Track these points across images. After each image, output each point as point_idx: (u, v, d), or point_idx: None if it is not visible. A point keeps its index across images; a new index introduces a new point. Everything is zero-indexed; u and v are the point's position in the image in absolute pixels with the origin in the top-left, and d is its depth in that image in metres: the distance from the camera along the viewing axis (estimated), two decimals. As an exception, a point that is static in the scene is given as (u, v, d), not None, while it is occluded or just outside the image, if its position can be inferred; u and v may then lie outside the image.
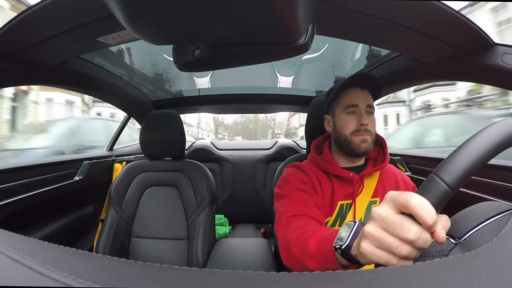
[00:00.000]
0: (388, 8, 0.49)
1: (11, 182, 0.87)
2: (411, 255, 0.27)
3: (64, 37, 0.58)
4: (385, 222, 0.29)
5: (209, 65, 0.66)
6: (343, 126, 0.68)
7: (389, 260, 0.28)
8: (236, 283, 0.18)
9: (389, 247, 0.28)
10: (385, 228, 0.29)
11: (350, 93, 0.68)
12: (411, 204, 0.27)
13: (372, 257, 0.29)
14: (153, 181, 1.02)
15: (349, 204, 0.66)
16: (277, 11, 0.38)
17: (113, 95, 1.14)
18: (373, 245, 0.29)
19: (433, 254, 0.29)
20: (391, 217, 0.28)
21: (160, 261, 0.20)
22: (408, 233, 0.27)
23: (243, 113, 2.21)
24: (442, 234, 0.26)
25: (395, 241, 0.28)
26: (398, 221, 0.28)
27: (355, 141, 0.66)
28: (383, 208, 0.30)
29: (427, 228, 0.26)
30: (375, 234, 0.29)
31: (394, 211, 0.29)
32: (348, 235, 0.36)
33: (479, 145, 0.28)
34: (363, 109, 0.66)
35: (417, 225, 0.27)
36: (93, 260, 0.20)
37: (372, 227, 0.30)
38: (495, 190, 0.76)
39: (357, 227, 0.37)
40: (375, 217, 0.30)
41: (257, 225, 1.77)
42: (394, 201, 0.29)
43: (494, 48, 0.58)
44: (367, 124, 0.65)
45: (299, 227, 0.53)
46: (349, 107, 0.67)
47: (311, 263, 0.45)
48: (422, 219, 0.26)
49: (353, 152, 0.67)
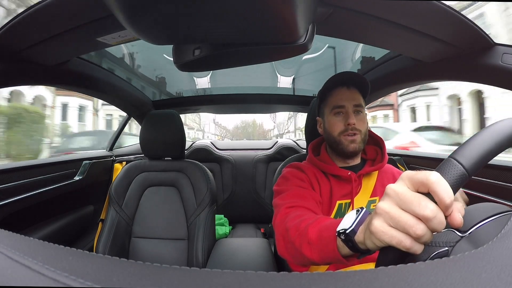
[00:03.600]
0: (388, 8, 0.49)
1: (11, 182, 0.87)
2: (424, 237, 0.26)
3: (64, 37, 0.58)
4: (400, 198, 0.27)
5: (209, 65, 0.66)
6: (331, 127, 0.69)
7: (401, 241, 0.26)
8: (236, 283, 0.18)
9: (404, 225, 0.26)
10: (400, 205, 0.27)
11: (336, 93, 0.69)
12: (430, 180, 0.26)
13: (384, 236, 0.28)
14: (153, 181, 1.02)
15: (348, 203, 0.66)
16: (277, 11, 0.38)
17: (113, 95, 1.14)
18: (386, 223, 0.28)
19: (440, 245, 0.29)
20: (407, 193, 0.27)
21: (160, 261, 0.20)
22: (425, 209, 0.25)
23: (243, 113, 2.20)
24: (459, 217, 0.26)
25: (411, 218, 0.26)
26: (415, 197, 0.26)
27: (343, 142, 0.66)
28: (398, 185, 0.28)
29: (443, 208, 0.26)
30: (389, 211, 0.27)
31: (410, 189, 0.28)
32: (354, 220, 0.35)
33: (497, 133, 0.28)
34: (350, 109, 0.67)
35: (434, 204, 0.26)
36: (93, 260, 0.20)
37: (387, 203, 0.28)
38: (495, 190, 0.76)
39: (363, 214, 0.35)
40: (390, 194, 0.28)
41: (257, 225, 1.77)
42: (411, 179, 0.28)
43: (494, 48, 0.58)
44: (354, 124, 0.65)
45: (298, 216, 0.52)
46: (336, 107, 0.68)
47: (309, 251, 0.44)
48: (440, 196, 0.25)
49: (343, 152, 0.68)
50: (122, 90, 1.14)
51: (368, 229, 0.30)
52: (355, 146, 0.66)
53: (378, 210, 0.29)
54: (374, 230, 0.29)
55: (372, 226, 0.29)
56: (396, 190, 0.28)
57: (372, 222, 0.29)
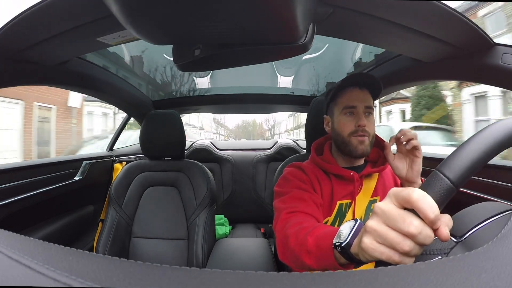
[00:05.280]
0: (388, 8, 0.49)
1: (11, 182, 0.87)
2: (413, 252, 0.27)
3: (64, 37, 0.58)
4: (387, 216, 0.28)
5: (209, 65, 0.66)
6: (341, 127, 0.68)
7: (390, 256, 0.28)
8: (236, 283, 0.18)
9: (391, 242, 0.27)
10: (387, 222, 0.28)
11: (348, 93, 0.68)
12: (413, 198, 0.27)
13: (374, 252, 0.29)
14: (153, 181, 1.02)
15: (349, 203, 0.66)
16: (277, 11, 0.38)
17: (113, 95, 1.14)
18: (375, 240, 0.29)
19: (434, 252, 0.29)
20: (393, 211, 0.28)
21: (160, 261, 0.20)
22: (409, 226, 0.26)
23: (243, 113, 2.20)
24: (445, 231, 0.26)
25: (397, 236, 0.27)
26: (399, 215, 0.27)
27: (353, 143, 0.66)
28: (385, 203, 0.29)
29: (429, 223, 0.26)
30: (377, 229, 0.29)
31: (396, 206, 0.29)
32: (349, 233, 0.36)
33: (483, 142, 0.28)
34: (361, 110, 0.66)
35: (419, 220, 0.27)
36: (93, 260, 0.20)
37: (375, 222, 0.29)
38: (495, 190, 0.76)
39: (358, 226, 0.36)
40: (377, 212, 0.30)
41: (257, 225, 1.77)
42: (396, 196, 0.29)
43: (494, 48, 0.58)
44: (364, 125, 0.65)
45: (298, 223, 0.53)
46: (347, 108, 0.67)
47: (309, 259, 0.45)
48: (423, 212, 0.26)
49: (351, 154, 0.67)
50: (122, 90, 1.14)
51: (359, 246, 0.32)
52: (364, 149, 0.65)
53: (367, 228, 0.30)
54: (364, 247, 0.30)
55: (363, 244, 0.30)
56: (383, 208, 0.29)
57: (362, 240, 0.31)
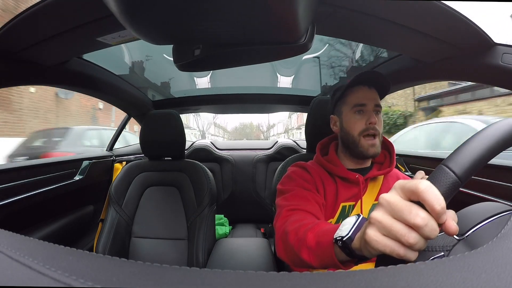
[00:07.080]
0: (388, 8, 0.49)
1: (11, 182, 0.87)
2: (417, 245, 0.26)
3: (64, 37, 0.58)
4: (392, 208, 0.28)
5: (209, 65, 0.66)
6: (351, 126, 0.66)
7: (395, 249, 0.27)
8: (236, 283, 0.18)
9: (396, 234, 0.27)
10: (392, 214, 0.28)
11: (358, 92, 0.67)
12: (419, 189, 0.26)
13: (377, 245, 0.28)
14: (153, 181, 1.02)
15: (352, 206, 0.65)
16: (277, 11, 0.38)
17: (113, 95, 1.14)
18: (379, 232, 0.28)
19: (437, 249, 0.29)
20: (399, 203, 0.28)
21: (160, 261, 0.20)
22: (416, 218, 0.26)
23: (243, 113, 2.21)
24: (454, 224, 0.26)
25: (403, 228, 0.27)
26: (406, 206, 0.27)
27: (363, 144, 0.65)
28: (391, 194, 0.29)
29: (435, 215, 0.26)
30: (382, 220, 0.28)
31: (402, 198, 0.28)
32: (351, 227, 0.36)
33: (488, 138, 0.28)
34: (371, 108, 0.65)
35: (425, 212, 0.26)
36: (93, 260, 0.20)
37: (380, 213, 0.29)
38: (495, 190, 0.76)
39: (361, 221, 0.36)
40: (382, 203, 0.29)
41: (257, 225, 1.77)
42: (402, 188, 0.28)
43: (494, 48, 0.57)
44: (375, 123, 0.64)
45: (298, 220, 0.52)
46: (357, 106, 0.66)
47: (308, 256, 0.44)
48: (430, 204, 0.25)
49: (361, 155, 0.66)
50: (122, 90, 1.14)
51: (362, 238, 0.31)
52: (375, 151, 0.65)
53: (371, 219, 0.30)
54: (368, 240, 0.29)
55: (366, 236, 0.30)
56: (388, 199, 0.29)
57: (366, 232, 0.30)
